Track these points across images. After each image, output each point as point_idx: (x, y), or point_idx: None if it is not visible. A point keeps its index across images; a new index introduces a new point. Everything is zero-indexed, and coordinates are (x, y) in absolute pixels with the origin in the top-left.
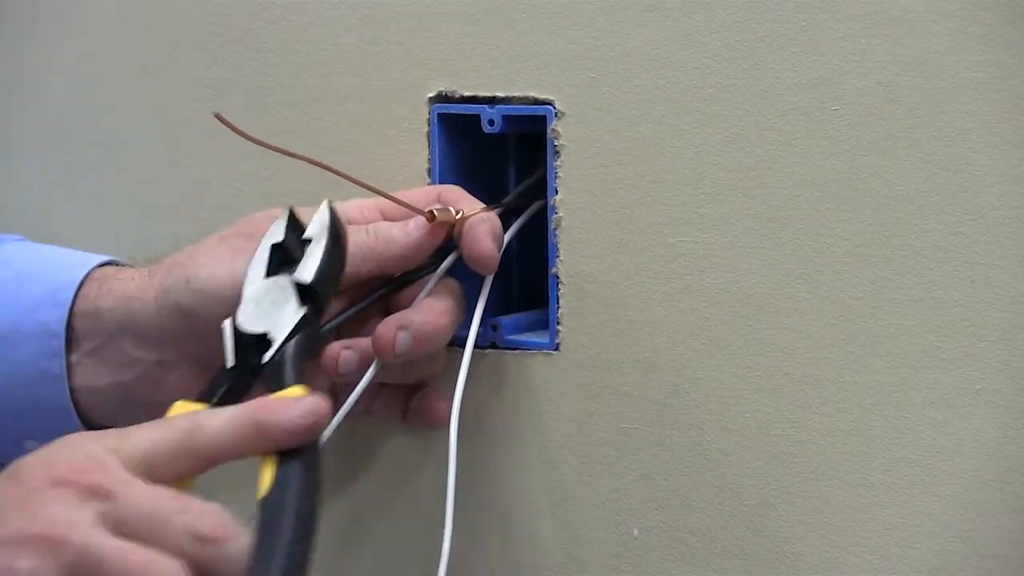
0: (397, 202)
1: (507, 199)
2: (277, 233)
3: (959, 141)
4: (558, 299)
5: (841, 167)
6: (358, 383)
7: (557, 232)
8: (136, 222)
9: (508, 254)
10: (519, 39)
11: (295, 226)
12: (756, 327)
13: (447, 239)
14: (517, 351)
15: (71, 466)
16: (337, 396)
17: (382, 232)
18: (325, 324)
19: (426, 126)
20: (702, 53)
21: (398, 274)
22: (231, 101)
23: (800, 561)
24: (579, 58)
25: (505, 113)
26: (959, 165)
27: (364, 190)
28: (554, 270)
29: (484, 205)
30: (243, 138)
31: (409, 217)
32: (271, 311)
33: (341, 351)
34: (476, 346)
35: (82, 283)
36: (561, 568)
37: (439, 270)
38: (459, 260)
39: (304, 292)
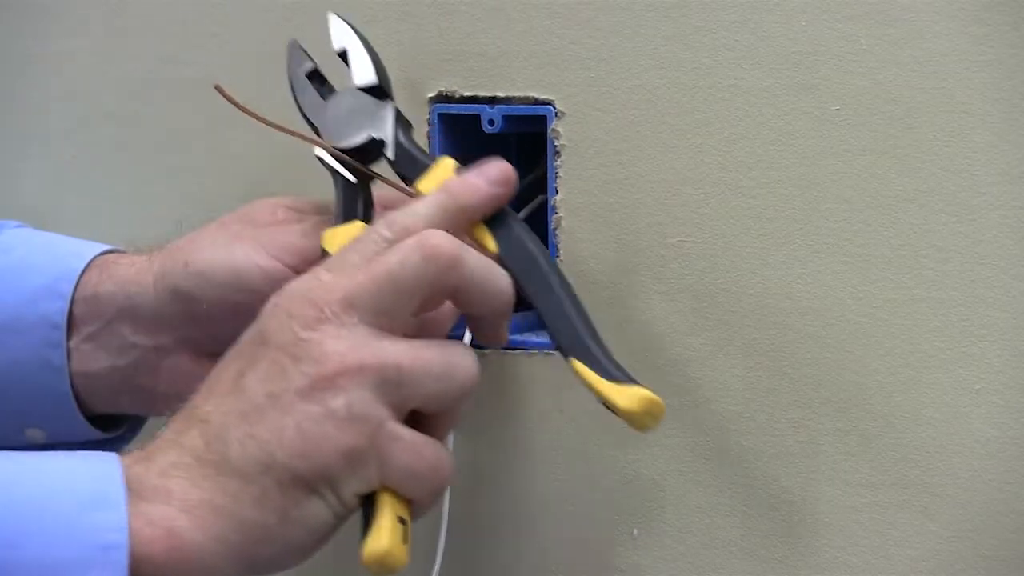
0: (396, 187)
1: None
2: (303, 63)
3: (959, 141)
4: None
5: (841, 167)
6: None
7: (557, 232)
8: (137, 217)
9: None
10: (519, 39)
11: (307, 53)
12: (756, 326)
13: None
14: (517, 351)
15: (306, 303)
16: None
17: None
18: None
19: (426, 126)
20: (702, 53)
21: None
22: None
23: (800, 561)
24: (579, 58)
25: (505, 113)
26: (959, 165)
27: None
28: None
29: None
30: (243, 113)
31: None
32: (356, 120)
33: None
34: (476, 346)
35: (83, 271)
36: (561, 568)
37: None
38: None
39: (373, 92)
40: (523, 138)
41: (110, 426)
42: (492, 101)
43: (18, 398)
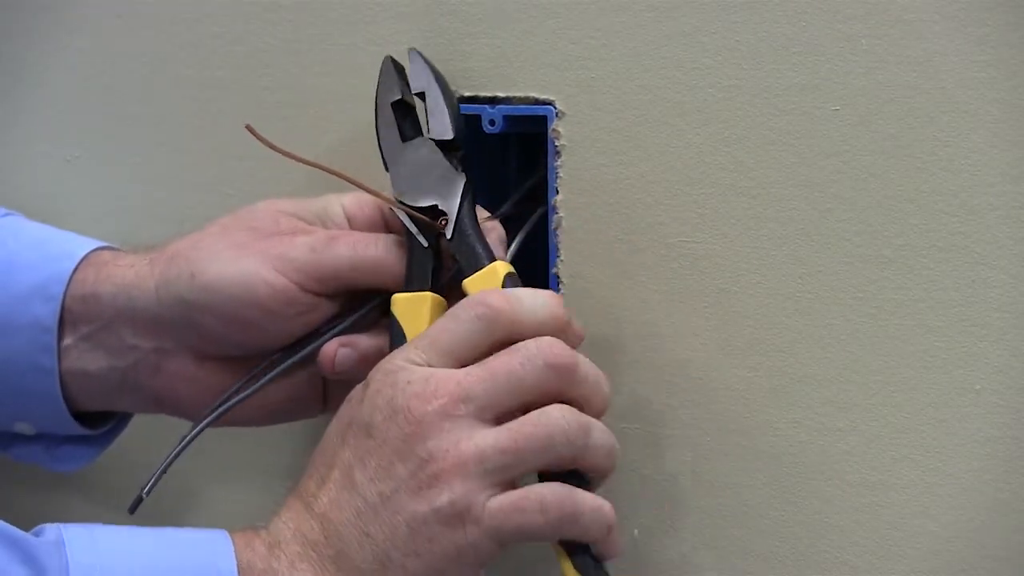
0: (411, 214)
1: (507, 204)
2: (392, 88)
3: (959, 141)
4: None
5: (841, 167)
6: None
7: (558, 232)
8: (138, 217)
9: (513, 258)
10: (519, 39)
11: (401, 74)
12: (756, 327)
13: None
14: None
15: (417, 399)
16: (328, 395)
17: (393, 250)
18: (327, 330)
19: None
20: (702, 53)
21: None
22: (231, 101)
23: (800, 561)
24: (579, 58)
25: (506, 113)
26: (959, 165)
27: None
28: (554, 270)
29: (488, 213)
30: (272, 150)
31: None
32: (426, 181)
33: (338, 349)
34: None
35: (76, 268)
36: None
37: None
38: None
39: (446, 147)
40: (523, 138)
41: (98, 422)
42: (492, 101)
43: (7, 396)
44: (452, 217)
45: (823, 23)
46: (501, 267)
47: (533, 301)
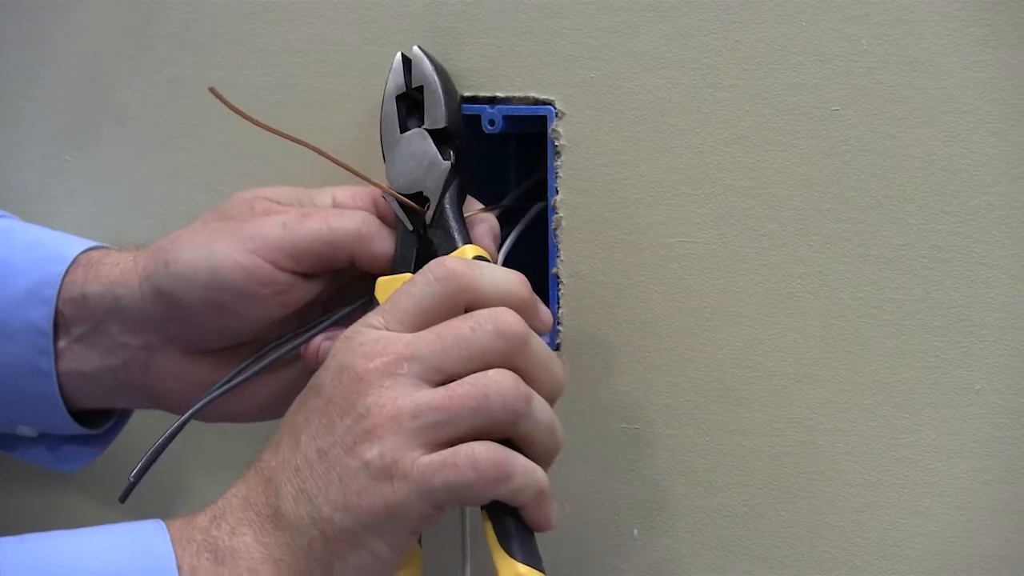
0: (396, 197)
1: (505, 201)
2: (399, 83)
3: (959, 141)
4: (558, 299)
5: (841, 167)
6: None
7: (557, 232)
8: (137, 218)
9: (507, 254)
10: (519, 39)
11: (410, 70)
12: (756, 327)
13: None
14: None
15: (359, 356)
16: None
17: (370, 225)
18: (319, 323)
19: None
20: (702, 53)
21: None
22: (231, 101)
23: (800, 561)
24: (579, 58)
25: (505, 113)
26: (959, 165)
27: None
28: (554, 270)
29: (482, 206)
30: (236, 114)
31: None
32: (414, 170)
33: (323, 342)
34: None
35: (67, 270)
36: (562, 568)
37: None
38: None
39: (438, 136)
40: (523, 138)
41: (97, 421)
42: (492, 101)
43: (7, 399)
44: (433, 203)
45: (823, 23)
46: (471, 249)
47: (495, 272)
